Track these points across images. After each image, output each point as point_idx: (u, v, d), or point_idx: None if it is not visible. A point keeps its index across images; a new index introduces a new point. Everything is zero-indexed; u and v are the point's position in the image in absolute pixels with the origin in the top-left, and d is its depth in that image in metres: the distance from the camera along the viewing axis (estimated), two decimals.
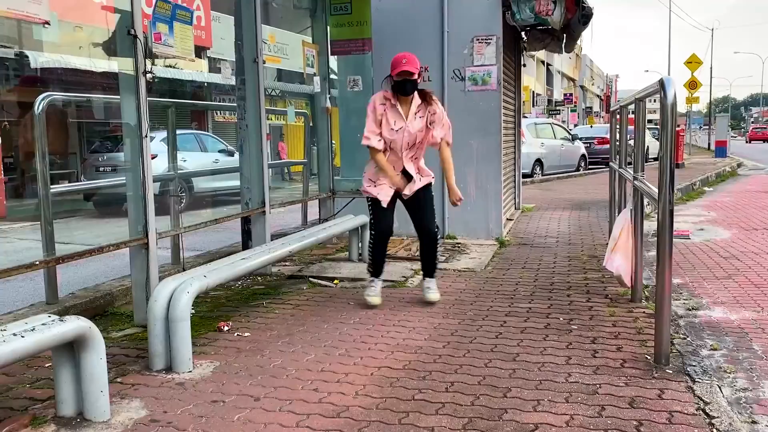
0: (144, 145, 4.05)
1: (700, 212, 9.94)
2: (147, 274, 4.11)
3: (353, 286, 5.27)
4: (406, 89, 4.48)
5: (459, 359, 3.51)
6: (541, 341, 3.79)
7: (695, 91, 27.60)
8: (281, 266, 5.95)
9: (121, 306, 4.75)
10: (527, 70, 43.38)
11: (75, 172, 15.62)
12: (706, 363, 3.45)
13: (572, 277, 5.49)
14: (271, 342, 3.87)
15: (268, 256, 4.45)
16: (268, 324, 4.25)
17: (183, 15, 4.57)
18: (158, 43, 4.32)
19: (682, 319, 4.32)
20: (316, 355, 3.63)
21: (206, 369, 3.43)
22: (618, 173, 5.84)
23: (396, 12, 7.27)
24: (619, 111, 5.60)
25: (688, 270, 5.83)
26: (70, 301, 4.50)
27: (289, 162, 18.10)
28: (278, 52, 19.07)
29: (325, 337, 3.95)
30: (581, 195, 12.80)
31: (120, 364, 3.51)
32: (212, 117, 19.90)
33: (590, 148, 20.93)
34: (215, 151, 14.14)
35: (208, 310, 4.62)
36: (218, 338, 3.97)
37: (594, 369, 3.33)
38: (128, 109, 4.10)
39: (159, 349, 3.41)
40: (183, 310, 3.38)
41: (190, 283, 3.49)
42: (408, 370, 3.36)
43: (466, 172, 7.19)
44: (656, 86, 3.50)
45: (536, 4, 7.00)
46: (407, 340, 3.87)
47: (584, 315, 4.32)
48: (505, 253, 6.67)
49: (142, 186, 4.07)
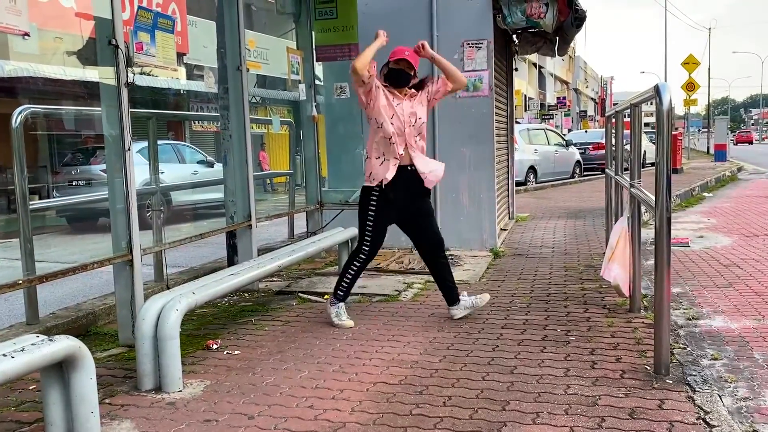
0: (127, 158, 4.14)
1: (700, 219, 10.13)
2: (132, 292, 4.19)
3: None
4: (400, 80, 4.48)
5: (456, 373, 3.62)
6: (539, 353, 3.91)
7: (693, 92, 28.04)
8: (269, 282, 6.04)
9: (104, 325, 4.82)
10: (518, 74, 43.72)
11: (46, 186, 15.63)
12: (707, 373, 3.57)
13: (569, 287, 5.61)
14: (262, 359, 3.96)
15: (258, 271, 4.54)
16: (258, 341, 4.33)
17: (165, 23, 4.67)
18: (140, 53, 4.42)
19: (682, 329, 4.45)
20: (310, 371, 3.72)
21: (197, 388, 3.51)
22: (614, 180, 5.98)
23: (383, 16, 7.39)
24: (615, 116, 5.75)
25: (688, 279, 5.97)
26: (51, 321, 4.56)
27: (273, 173, 18.17)
28: (258, 57, 19.18)
29: (318, 353, 4.05)
30: (577, 203, 12.98)
31: (107, 385, 3.59)
32: (190, 126, 19.96)
33: (585, 154, 21.17)
34: (194, 162, 14.18)
35: (195, 328, 4.70)
36: (207, 357, 4.05)
37: (593, 380, 3.44)
38: (110, 121, 4.18)
39: (148, 368, 3.49)
40: (172, 328, 3.46)
41: (178, 300, 3.57)
42: (404, 385, 3.46)
43: (458, 181, 7.32)
44: (652, 92, 3.64)
45: (527, 7, 7.16)
46: (402, 354, 3.97)
47: (582, 326, 4.44)
48: (500, 264, 6.80)
49: (125, 200, 4.16)
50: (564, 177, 19.07)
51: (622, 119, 5.71)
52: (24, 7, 3.53)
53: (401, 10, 7.36)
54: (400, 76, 4.49)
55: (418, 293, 5.55)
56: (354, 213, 7.26)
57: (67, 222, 12.15)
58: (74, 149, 14.27)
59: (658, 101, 3.42)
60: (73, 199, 9.77)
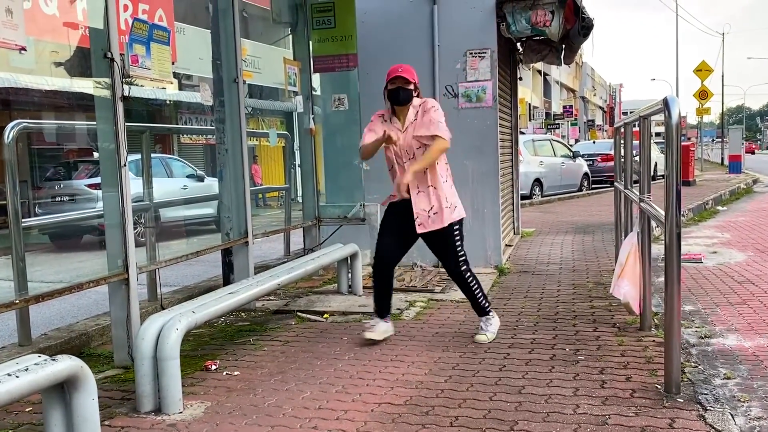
0: (123, 174, 4.27)
1: (713, 233, 10.27)
2: (128, 312, 4.31)
3: (345, 320, 5.49)
4: (400, 98, 4.69)
5: (462, 393, 3.74)
6: (547, 373, 4.03)
7: (706, 101, 28.27)
8: (266, 301, 6.16)
9: (97, 346, 4.94)
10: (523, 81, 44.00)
11: (26, 202, 15.73)
12: (719, 392, 3.70)
13: (578, 305, 5.74)
14: (263, 380, 4.08)
15: (257, 289, 4.67)
16: (258, 362, 4.46)
17: (160, 35, 4.82)
18: (135, 65, 4.56)
19: (694, 348, 4.58)
20: (312, 392, 3.84)
21: (197, 410, 3.63)
22: (623, 194, 6.12)
23: (383, 25, 7.57)
24: (624, 128, 5.90)
25: (700, 296, 6.10)
26: (44, 342, 4.68)
27: (269, 188, 18.28)
28: (250, 65, 19.33)
29: (320, 373, 4.17)
30: (585, 217, 13.13)
31: (105, 407, 3.69)
32: (178, 139, 20.08)
33: (593, 166, 21.35)
34: (183, 176, 14.28)
35: (192, 348, 4.82)
36: (206, 378, 4.17)
37: (603, 400, 3.57)
38: (105, 136, 4.31)
39: (147, 389, 3.61)
40: (172, 348, 3.58)
41: (178, 319, 3.70)
42: (410, 406, 3.58)
43: (461, 195, 7.42)
44: (660, 105, 3.79)
45: (533, 15, 7.32)
46: (407, 374, 4.10)
47: (591, 345, 4.57)
48: (506, 281, 6.93)
49: (121, 217, 4.28)
50: (571, 190, 19.23)
51: (631, 131, 5.85)
52: (20, 21, 3.67)
53: (401, 18, 7.52)
54: (399, 93, 4.68)
55: (421, 312, 5.67)
56: (352, 228, 7.48)
57: (50, 240, 12.23)
58: (56, 163, 14.39)
59: (667, 115, 3.57)
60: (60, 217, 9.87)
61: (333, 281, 6.81)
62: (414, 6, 7.52)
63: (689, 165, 19.57)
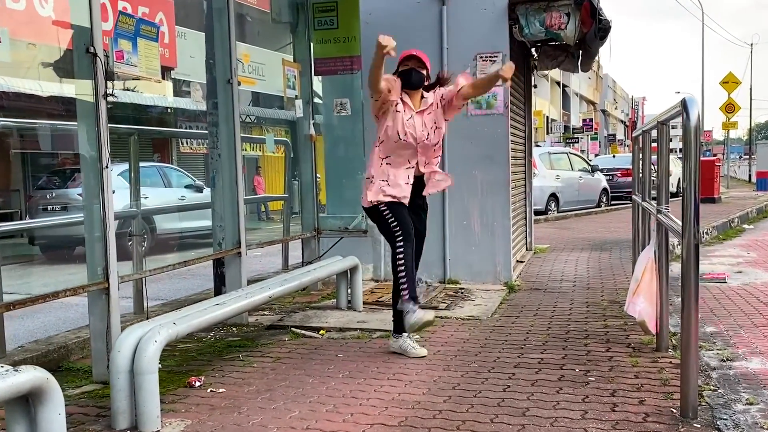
0: (104, 177, 4.20)
1: (739, 252, 10.13)
2: (108, 323, 4.22)
3: (342, 336, 5.39)
4: (412, 80, 4.65)
5: (462, 414, 3.64)
6: (555, 394, 3.92)
7: (733, 114, 28.10)
8: (259, 315, 6.07)
9: (77, 360, 4.86)
10: (541, 93, 44.02)
11: (18, 211, 15.74)
12: (740, 417, 3.57)
13: (590, 324, 5.63)
14: (249, 398, 3.98)
15: (246, 301, 4.58)
16: (246, 379, 4.36)
17: (148, 31, 4.77)
18: (120, 62, 4.51)
19: (715, 371, 4.44)
20: (301, 411, 3.74)
21: (176, 428, 3.54)
22: (641, 207, 6.01)
23: (389, 26, 7.42)
24: (642, 137, 5.80)
25: (723, 317, 5.97)
26: (20, 355, 4.60)
27: (266, 197, 18.22)
28: (254, 72, 19.35)
29: (311, 392, 4.07)
30: (602, 234, 13.00)
31: (79, 423, 3.62)
32: (177, 148, 20.12)
33: (613, 181, 21.19)
34: (181, 187, 14.27)
35: (177, 364, 4.73)
36: (189, 394, 4.08)
37: (613, 424, 3.45)
38: (86, 137, 4.25)
39: (123, 405, 3.52)
40: (150, 362, 3.49)
41: (157, 331, 3.61)
42: (404, 427, 3.48)
43: (469, 206, 7.37)
44: (679, 107, 3.68)
45: (547, 17, 7.25)
46: (403, 394, 3.99)
47: (603, 366, 4.45)
48: (515, 299, 6.81)
49: (102, 223, 4.21)
50: (589, 206, 19.04)
51: (650, 140, 5.74)
52: None
53: (408, 19, 7.46)
54: (412, 74, 4.67)
55: (428, 331, 5.56)
56: (354, 241, 7.40)
57: (41, 251, 12.22)
58: (50, 171, 14.41)
59: (685, 116, 3.47)
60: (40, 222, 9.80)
61: (332, 296, 6.72)
62: (422, 6, 7.47)
63: (714, 181, 19.41)
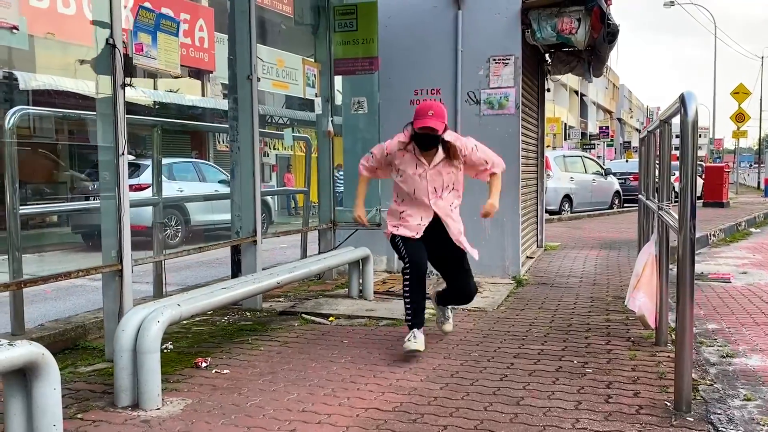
0: (120, 164, 4.09)
1: (744, 254, 9.84)
2: (120, 304, 4.11)
3: (350, 324, 5.23)
4: (427, 145, 4.37)
5: (456, 402, 3.46)
6: (550, 385, 3.73)
7: (743, 123, 27.54)
8: (273, 302, 5.93)
9: (93, 339, 4.75)
10: (559, 101, 43.60)
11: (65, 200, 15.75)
12: (735, 412, 3.36)
13: (593, 318, 5.42)
14: (251, 380, 3.84)
15: (253, 286, 4.44)
16: (251, 361, 4.22)
17: (168, 25, 4.63)
18: (140, 54, 4.38)
19: (714, 367, 4.22)
20: (299, 394, 3.59)
21: (176, 406, 3.40)
22: (645, 205, 5.79)
23: (406, 29, 7.35)
24: (648, 138, 5.58)
25: (725, 315, 5.73)
26: (38, 333, 4.50)
27: (287, 190, 18.08)
28: (287, 77, 19.29)
29: (312, 375, 3.92)
30: (612, 234, 12.72)
31: (84, 400, 3.50)
32: (214, 146, 20.11)
33: (625, 185, 20.77)
34: (215, 182, 14.22)
35: (188, 345, 4.60)
36: (194, 375, 3.94)
37: (605, 415, 3.26)
38: (103, 126, 4.13)
39: (125, 383, 3.40)
40: (153, 341, 3.36)
41: (161, 311, 3.48)
42: (398, 412, 3.31)
43: (479, 203, 7.13)
44: (678, 103, 3.48)
45: (558, 22, 7.04)
46: (401, 380, 3.82)
47: (601, 358, 4.24)
48: (522, 292, 6.61)
49: (117, 207, 4.09)
50: (602, 207, 18.71)
51: (655, 140, 5.55)
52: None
53: (424, 23, 7.30)
54: (427, 141, 4.35)
55: (429, 319, 5.37)
56: (369, 234, 7.23)
57: (83, 239, 12.21)
58: (93, 164, 14.42)
59: (683, 111, 3.27)
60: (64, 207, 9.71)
61: (345, 285, 6.56)
62: (438, 11, 7.29)
63: (723, 186, 18.95)
